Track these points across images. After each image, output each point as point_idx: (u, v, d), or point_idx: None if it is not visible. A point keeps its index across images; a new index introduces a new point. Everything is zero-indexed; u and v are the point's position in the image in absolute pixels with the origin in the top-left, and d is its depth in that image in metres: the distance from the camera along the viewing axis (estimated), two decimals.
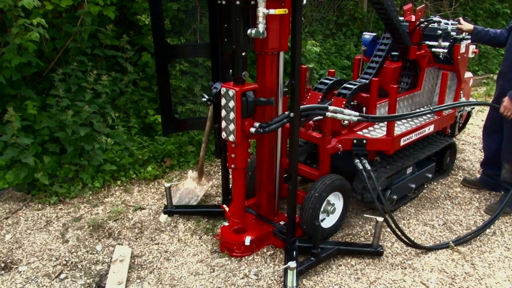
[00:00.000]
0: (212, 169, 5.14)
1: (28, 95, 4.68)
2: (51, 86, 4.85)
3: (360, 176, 3.74)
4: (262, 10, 2.83)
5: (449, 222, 4.15)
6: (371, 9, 8.83)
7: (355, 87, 3.94)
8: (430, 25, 4.65)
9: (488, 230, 4.02)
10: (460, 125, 5.44)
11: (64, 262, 3.49)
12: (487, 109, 5.09)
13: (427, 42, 4.59)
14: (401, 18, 4.61)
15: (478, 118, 7.01)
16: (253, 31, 2.87)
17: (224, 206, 3.75)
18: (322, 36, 8.12)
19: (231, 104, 3.02)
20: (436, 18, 4.68)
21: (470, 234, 3.90)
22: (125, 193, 4.58)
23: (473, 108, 5.58)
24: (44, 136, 4.59)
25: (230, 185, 3.92)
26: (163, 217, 4.10)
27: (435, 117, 4.49)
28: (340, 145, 3.72)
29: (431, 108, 3.95)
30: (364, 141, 3.74)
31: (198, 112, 4.63)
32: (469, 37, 4.55)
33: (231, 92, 3.01)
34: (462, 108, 5.18)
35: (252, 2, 2.93)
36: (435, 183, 4.91)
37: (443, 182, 4.95)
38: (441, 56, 4.62)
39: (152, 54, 5.17)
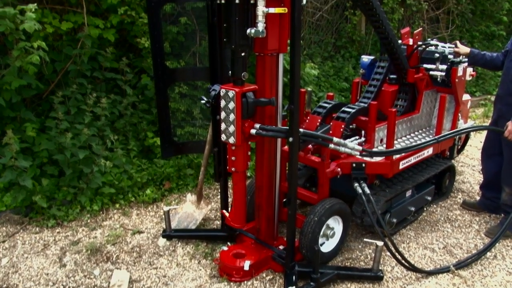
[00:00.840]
0: (211, 192, 5.12)
1: (27, 117, 4.69)
2: (50, 108, 4.87)
3: (360, 200, 3.72)
4: (261, 9, 2.82)
5: (449, 246, 4.13)
6: (369, 32, 8.92)
7: (353, 110, 3.95)
8: (427, 48, 4.69)
9: (489, 254, 3.99)
10: (459, 147, 5.44)
11: (61, 287, 3.45)
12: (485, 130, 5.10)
13: (425, 65, 4.63)
14: (399, 42, 4.65)
15: (477, 140, 7.03)
16: (253, 31, 2.85)
17: (224, 211, 3.69)
18: (320, 58, 8.19)
19: (231, 105, 2.99)
20: (434, 42, 4.73)
21: (471, 258, 3.87)
22: (124, 216, 4.56)
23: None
24: (42, 158, 4.58)
25: (229, 208, 3.89)
26: (162, 241, 4.07)
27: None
28: (339, 169, 3.71)
29: (436, 137, 3.95)
30: (363, 165, 3.74)
31: (197, 135, 4.63)
32: (466, 59, 4.59)
33: (231, 93, 2.97)
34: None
35: (252, 1, 2.91)
36: (434, 206, 4.90)
37: (443, 205, 4.94)
38: (439, 79, 4.65)
39: (152, 77, 5.20)
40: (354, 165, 3.74)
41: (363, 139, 4.05)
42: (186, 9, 4.71)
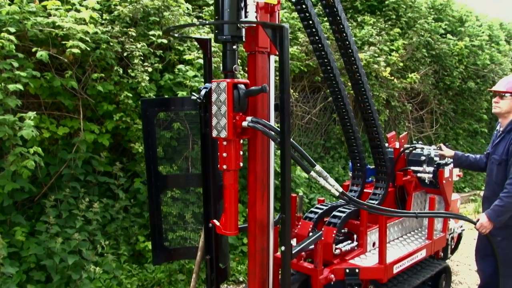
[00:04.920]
0: None
1: (17, 221, 4.66)
2: (41, 211, 4.85)
3: None
4: None
5: None
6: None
7: (344, 215, 3.98)
8: (414, 151, 4.84)
9: None
10: (452, 247, 5.43)
11: None
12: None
13: (412, 168, 4.75)
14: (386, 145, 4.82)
15: (470, 237, 7.01)
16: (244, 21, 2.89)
17: (214, 220, 3.36)
18: None
19: (223, 97, 2.92)
20: (419, 145, 4.90)
21: None
22: None
23: (463, 229, 5.62)
24: (30, 263, 4.48)
25: None
26: None
27: (426, 241, 4.50)
28: (332, 275, 3.67)
29: (415, 212, 3.99)
30: (357, 270, 3.71)
31: (189, 240, 4.59)
32: (452, 160, 4.73)
33: (222, 84, 2.91)
34: (452, 230, 5.21)
35: None
36: None
37: None
38: (426, 181, 4.75)
39: (144, 182, 5.26)
40: (347, 270, 3.70)
41: (355, 243, 4.04)
42: (179, 115, 4.90)
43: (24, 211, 4.97)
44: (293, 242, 3.90)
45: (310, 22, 3.71)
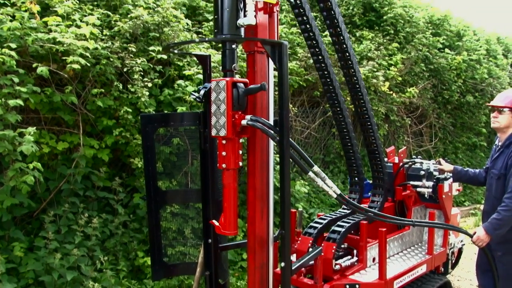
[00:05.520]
0: None
1: (16, 236, 4.64)
2: (40, 227, 4.84)
3: None
4: None
5: None
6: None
7: (343, 230, 3.97)
8: (413, 166, 4.84)
9: None
10: (453, 261, 5.40)
11: None
12: None
13: (411, 182, 4.75)
14: (385, 159, 4.82)
15: (471, 252, 6.97)
16: (243, 20, 2.89)
17: (213, 221, 3.31)
18: None
19: (222, 95, 2.91)
20: (418, 159, 4.90)
21: None
22: None
23: (464, 244, 5.59)
24: (28, 279, 4.46)
25: None
26: None
27: (427, 256, 4.48)
28: None
29: (412, 220, 4.03)
30: (357, 286, 3.69)
31: (189, 255, 4.57)
32: (451, 175, 4.73)
33: (221, 83, 2.91)
34: (453, 245, 5.19)
35: None
36: None
37: None
38: (426, 196, 4.74)
39: (144, 198, 5.26)
40: (347, 286, 3.68)
41: (355, 258, 4.02)
42: (179, 130, 4.91)
43: (23, 226, 4.95)
44: (293, 257, 3.88)
45: (311, 34, 3.75)
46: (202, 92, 3.21)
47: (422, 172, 4.73)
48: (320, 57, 3.88)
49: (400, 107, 9.79)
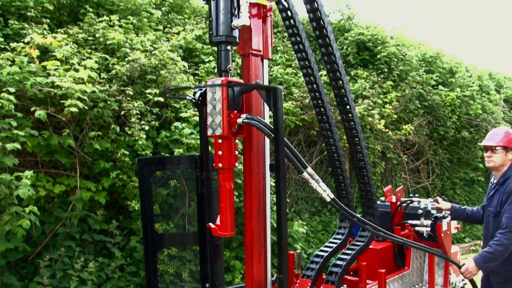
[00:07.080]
0: None
1: (10, 282, 4.56)
2: (35, 271, 4.77)
3: None
4: None
5: None
6: (353, 185, 9.21)
7: (340, 270, 3.91)
8: (410, 204, 4.83)
9: None
10: None
11: None
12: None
13: (409, 222, 4.72)
14: (382, 199, 4.82)
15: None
16: (238, 21, 2.95)
17: (210, 224, 3.24)
18: (308, 214, 8.30)
19: (218, 95, 2.94)
20: (416, 198, 4.89)
21: None
22: None
23: (465, 283, 5.51)
24: None
25: None
26: None
27: None
28: None
29: (403, 239, 3.98)
30: None
31: None
32: (449, 212, 4.72)
33: (217, 83, 2.96)
34: (454, 284, 5.12)
35: None
36: None
37: None
38: (425, 234, 4.71)
39: (141, 242, 5.21)
40: None
41: None
42: (176, 172, 4.91)
43: (17, 271, 4.88)
44: None
45: (309, 70, 3.86)
46: (198, 93, 3.27)
47: (420, 211, 4.71)
48: (317, 94, 3.95)
49: (397, 145, 9.84)
